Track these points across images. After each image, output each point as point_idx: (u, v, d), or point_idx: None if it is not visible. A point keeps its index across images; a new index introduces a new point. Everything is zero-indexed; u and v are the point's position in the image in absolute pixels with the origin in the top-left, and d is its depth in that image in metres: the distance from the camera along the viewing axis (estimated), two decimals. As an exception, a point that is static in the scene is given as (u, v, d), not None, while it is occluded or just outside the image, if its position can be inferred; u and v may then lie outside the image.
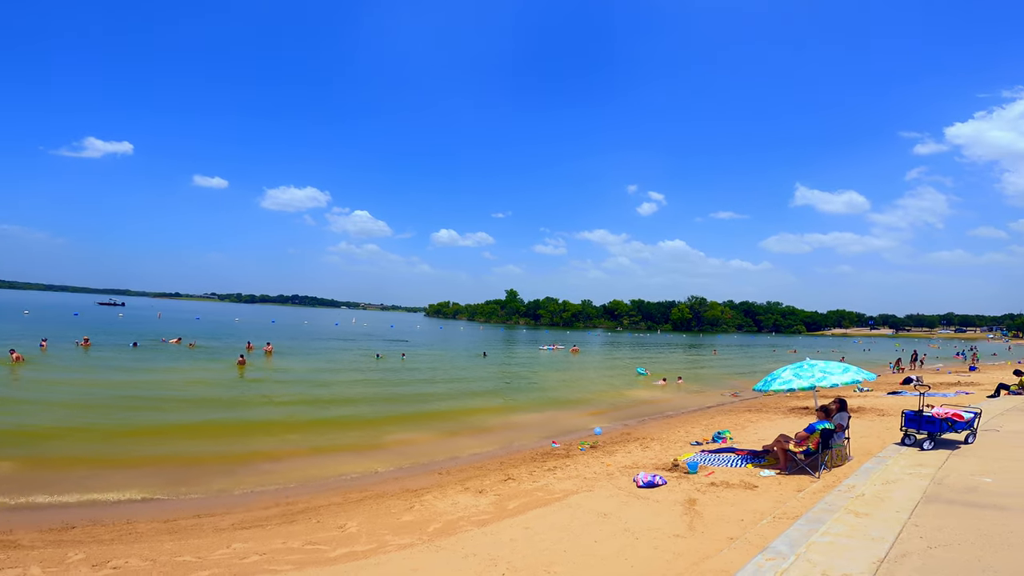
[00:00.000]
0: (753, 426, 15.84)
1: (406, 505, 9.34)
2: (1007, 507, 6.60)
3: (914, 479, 7.98)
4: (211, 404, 20.23)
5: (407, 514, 8.74)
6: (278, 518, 9.23)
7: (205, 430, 16.27)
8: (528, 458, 13.35)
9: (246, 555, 7.18)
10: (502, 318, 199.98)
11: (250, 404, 20.90)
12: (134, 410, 17.94)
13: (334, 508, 9.69)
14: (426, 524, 8.06)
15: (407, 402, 22.84)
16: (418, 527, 7.95)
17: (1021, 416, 14.23)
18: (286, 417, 18.63)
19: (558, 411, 22.06)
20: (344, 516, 8.96)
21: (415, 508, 9.05)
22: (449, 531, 7.61)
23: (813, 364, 10.62)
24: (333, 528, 8.27)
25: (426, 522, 8.16)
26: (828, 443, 9.48)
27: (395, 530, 7.90)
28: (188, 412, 18.56)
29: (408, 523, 8.22)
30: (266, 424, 17.57)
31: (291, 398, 22.36)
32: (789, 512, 7.00)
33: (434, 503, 9.28)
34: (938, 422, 10.39)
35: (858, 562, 5.04)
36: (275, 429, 16.92)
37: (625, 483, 9.37)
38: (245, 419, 18.17)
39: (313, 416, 19.03)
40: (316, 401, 21.90)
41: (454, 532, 7.54)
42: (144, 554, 7.30)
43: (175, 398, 20.70)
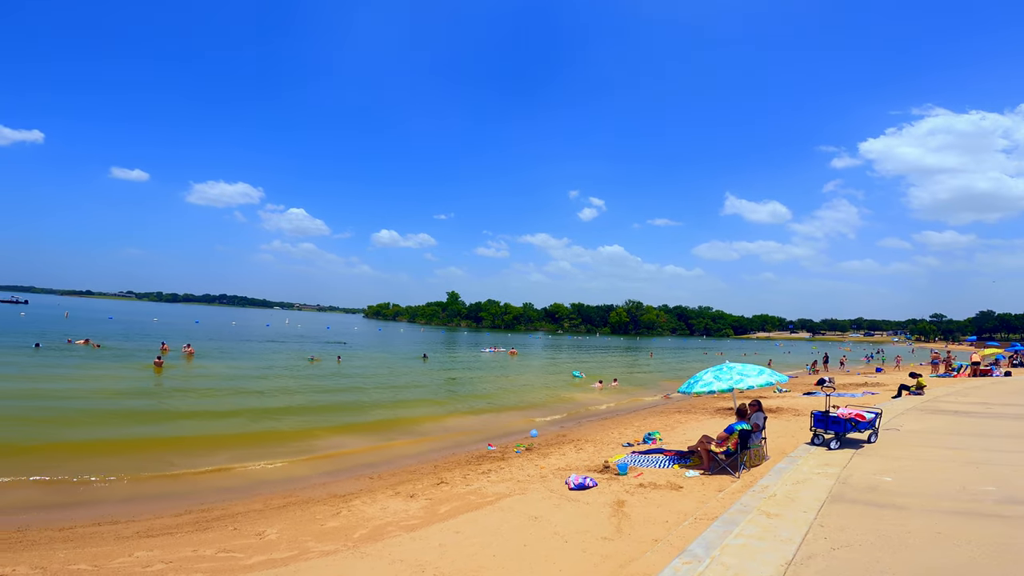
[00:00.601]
0: (682, 427, 16.47)
1: (332, 511, 9.05)
2: (905, 506, 7.07)
3: (821, 479, 8.54)
4: (120, 408, 18.81)
5: (333, 520, 8.47)
6: (190, 526, 8.76)
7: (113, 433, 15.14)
8: (463, 461, 13.28)
9: (150, 563, 6.77)
10: (443, 320, 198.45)
11: (164, 408, 19.61)
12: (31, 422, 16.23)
13: (253, 515, 9.26)
14: (352, 530, 7.83)
15: (340, 405, 22.18)
16: (343, 533, 7.71)
17: (919, 416, 15.52)
18: (205, 421, 17.63)
19: (496, 414, 22.12)
20: (264, 523, 8.59)
21: (342, 514, 8.79)
22: (376, 537, 7.43)
23: (731, 367, 11.14)
24: (251, 535, 7.90)
25: (352, 528, 7.94)
26: (746, 443, 9.98)
27: (318, 536, 7.64)
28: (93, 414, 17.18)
29: (333, 529, 7.96)
30: (182, 428, 16.57)
31: (212, 402, 21.18)
32: (709, 513, 7.30)
33: (362, 508, 9.04)
34: (843, 422, 11.17)
35: (768, 565, 5.27)
36: (192, 434, 15.97)
37: (557, 485, 9.49)
38: (157, 424, 17.06)
39: (236, 420, 18.11)
40: (240, 405, 20.83)
41: (381, 538, 7.37)
42: (34, 562, 6.77)
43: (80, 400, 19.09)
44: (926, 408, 17.06)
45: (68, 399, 19.48)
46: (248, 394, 23.46)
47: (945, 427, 13.52)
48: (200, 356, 36.59)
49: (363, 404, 22.86)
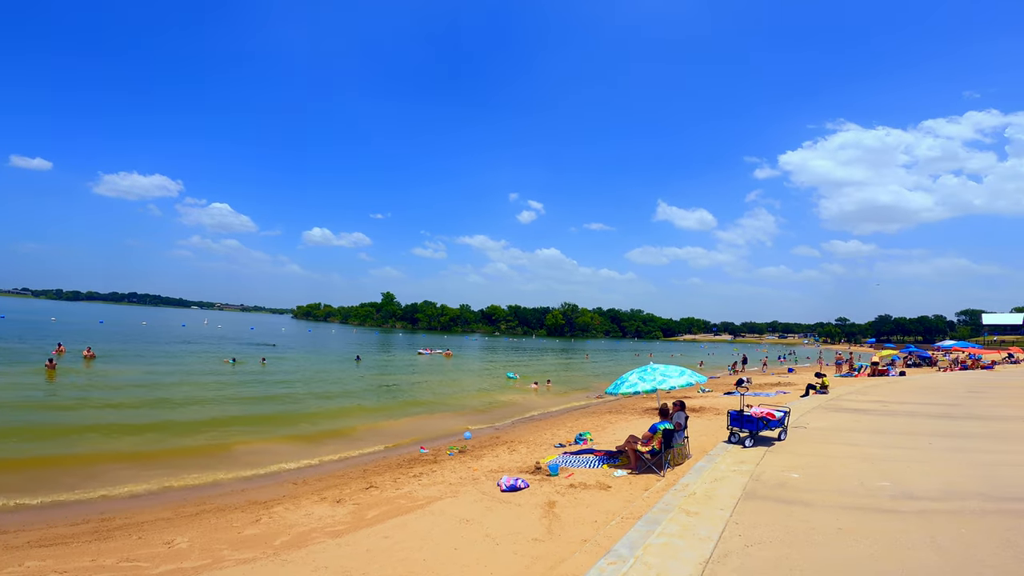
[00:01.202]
0: (612, 427, 16.95)
1: (251, 518, 8.63)
2: (810, 503, 7.56)
3: (736, 476, 9.05)
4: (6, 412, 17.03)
5: (251, 527, 8.08)
6: (89, 535, 8.13)
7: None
8: (394, 465, 13.03)
9: (43, 573, 6.31)
10: (377, 321, 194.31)
11: (59, 413, 17.95)
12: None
13: (162, 523, 8.71)
14: (273, 537, 7.51)
15: (263, 410, 21.12)
16: (263, 540, 7.38)
17: (824, 414, 16.78)
18: (107, 427, 16.30)
19: (430, 416, 21.87)
20: (173, 531, 8.11)
21: (262, 521, 8.40)
22: (299, 544, 7.16)
23: (655, 368, 11.59)
24: (158, 544, 7.44)
25: (273, 535, 7.60)
26: (670, 442, 10.42)
27: (235, 544, 7.27)
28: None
29: (251, 536, 7.60)
30: (80, 434, 15.28)
31: (116, 406, 19.59)
32: (635, 512, 7.55)
33: (284, 515, 8.68)
34: (756, 421, 11.90)
35: (687, 564, 5.51)
36: (92, 440, 14.79)
37: (490, 488, 9.50)
38: (50, 428, 15.62)
39: (143, 425, 16.83)
40: (147, 410, 19.41)
41: (304, 544, 7.11)
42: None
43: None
44: (830, 406, 18.48)
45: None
46: (156, 399, 21.84)
47: (846, 424, 14.71)
48: (103, 359, 33.67)
49: (288, 408, 21.90)
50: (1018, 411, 17.06)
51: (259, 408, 21.43)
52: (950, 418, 15.88)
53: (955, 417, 16.03)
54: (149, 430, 16.34)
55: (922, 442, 12.09)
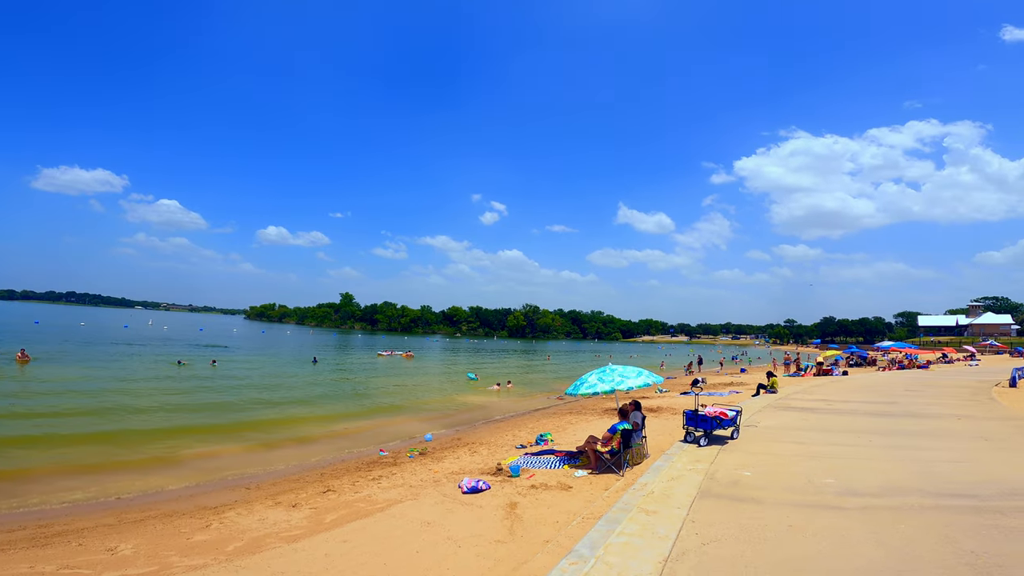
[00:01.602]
0: (572, 428, 17.14)
1: (201, 523, 8.31)
2: (762, 500, 7.84)
3: (692, 475, 9.31)
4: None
5: (201, 533, 7.79)
6: (25, 542, 7.69)
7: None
8: (352, 468, 12.78)
9: None
10: (336, 322, 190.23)
11: None
12: None
13: (104, 529, 8.30)
14: (225, 543, 7.25)
15: (214, 413, 20.34)
16: (214, 546, 7.12)
17: (773, 412, 17.45)
18: (44, 432, 15.39)
19: (389, 418, 21.57)
20: (117, 538, 7.74)
21: (212, 526, 8.11)
22: (253, 549, 6.94)
23: (613, 369, 11.81)
24: (100, 551, 7.09)
25: (225, 541, 7.35)
26: (629, 442, 10.62)
27: (184, 551, 7.00)
28: None
29: (202, 543, 7.33)
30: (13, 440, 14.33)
31: (52, 412, 18.48)
32: (595, 512, 7.66)
33: (237, 520, 8.39)
34: (710, 420, 12.27)
35: (646, 562, 5.63)
36: (27, 446, 13.91)
37: (451, 490, 9.45)
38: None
39: (83, 431, 15.98)
40: (88, 415, 18.38)
41: (259, 550, 6.89)
42: None
43: None
44: (779, 405, 19.25)
45: None
46: (97, 403, 20.73)
47: (794, 423, 15.36)
48: (39, 362, 31.72)
49: (240, 412, 21.15)
50: (950, 409, 18.20)
51: (209, 412, 20.61)
52: (888, 416, 16.80)
53: (893, 415, 16.97)
54: (89, 436, 15.49)
55: (863, 439, 12.74)
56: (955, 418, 16.19)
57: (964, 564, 5.46)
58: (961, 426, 14.75)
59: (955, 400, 20.99)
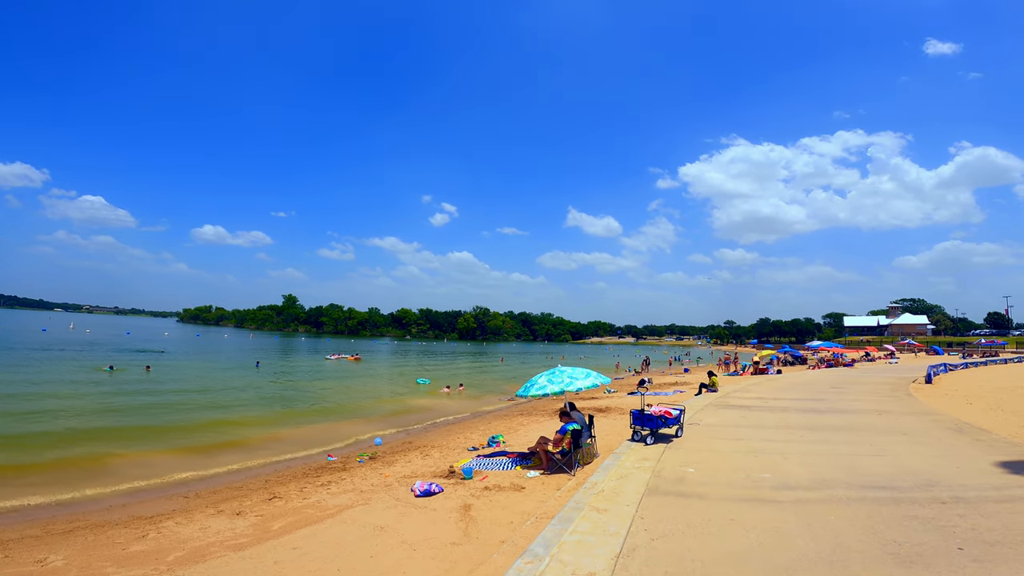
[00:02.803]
0: (524, 429, 17.31)
1: (137, 534, 7.91)
2: (705, 495, 8.19)
3: (640, 473, 9.64)
4: None
5: (138, 543, 7.42)
6: None
7: None
8: (299, 474, 12.43)
9: None
10: (278, 325, 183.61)
11: None
12: None
13: (30, 540, 7.80)
14: (164, 553, 6.94)
15: (147, 420, 19.27)
16: (153, 556, 6.81)
17: (715, 411, 18.22)
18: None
19: (337, 422, 21.07)
20: (45, 549, 7.30)
21: (149, 536, 7.73)
22: (196, 558, 6.67)
23: (563, 371, 12.05)
24: (29, 562, 6.68)
25: (164, 551, 7.02)
26: (578, 442, 10.88)
27: (120, 561, 6.66)
28: None
29: (139, 553, 6.99)
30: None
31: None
32: (548, 512, 7.81)
33: (176, 530, 8.03)
34: (655, 419, 12.72)
35: (600, 559, 5.80)
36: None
37: (403, 493, 9.38)
38: None
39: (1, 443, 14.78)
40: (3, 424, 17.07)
41: (203, 559, 6.63)
42: None
43: None
44: (719, 404, 20.15)
45: None
46: (12, 412, 19.20)
47: (733, 420, 16.13)
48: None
49: (177, 418, 20.10)
50: (871, 405, 19.62)
51: (141, 418, 19.47)
52: (817, 412, 17.92)
53: (821, 411, 18.12)
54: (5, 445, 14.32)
55: (795, 435, 13.55)
56: (876, 413, 17.46)
57: (888, 554, 5.90)
58: (882, 421, 15.93)
59: (876, 396, 22.61)
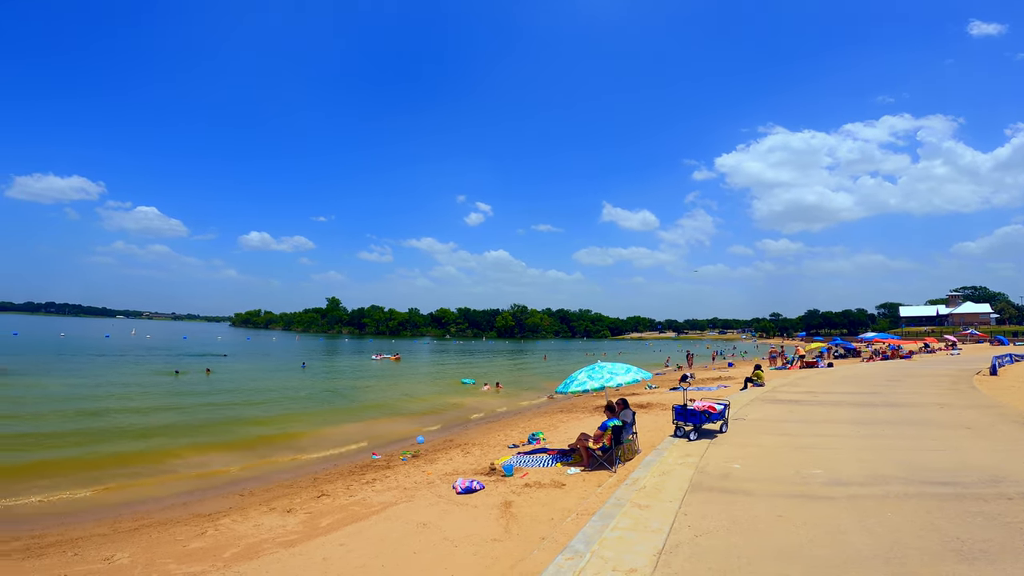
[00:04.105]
0: (564, 426, 17.28)
1: (196, 531, 8.31)
2: (752, 492, 7.99)
3: (683, 469, 9.48)
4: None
5: (197, 540, 7.79)
6: (20, 553, 7.67)
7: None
8: (345, 472, 12.78)
9: None
10: (323, 327, 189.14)
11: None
12: None
13: (99, 539, 8.28)
14: (221, 550, 7.26)
15: (207, 420, 20.25)
16: (211, 553, 7.13)
17: (761, 406, 17.73)
18: (34, 443, 15.19)
19: (381, 421, 21.55)
20: (112, 547, 7.72)
21: (208, 533, 8.10)
22: (250, 555, 6.95)
23: (602, 366, 11.94)
24: (97, 560, 7.09)
25: (221, 547, 7.35)
26: (619, 439, 10.77)
27: (181, 558, 7.00)
28: None
29: (198, 550, 7.33)
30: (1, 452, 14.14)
31: (44, 421, 18.33)
32: (589, 508, 7.78)
33: (232, 527, 8.39)
34: (699, 414, 12.46)
35: (641, 555, 5.74)
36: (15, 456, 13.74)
37: (445, 491, 9.51)
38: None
39: (75, 441, 15.85)
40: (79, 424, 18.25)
41: (256, 556, 6.90)
42: None
43: None
44: (766, 398, 19.57)
45: None
46: (87, 413, 20.51)
47: (780, 415, 15.64)
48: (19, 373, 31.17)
49: (233, 418, 21.03)
50: (931, 398, 18.64)
51: (202, 419, 20.47)
52: (871, 406, 17.15)
53: (876, 405, 17.33)
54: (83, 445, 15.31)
55: (848, 430, 13.02)
56: (936, 407, 16.58)
57: (950, 550, 5.62)
58: (942, 415, 15.11)
59: (936, 389, 21.47)
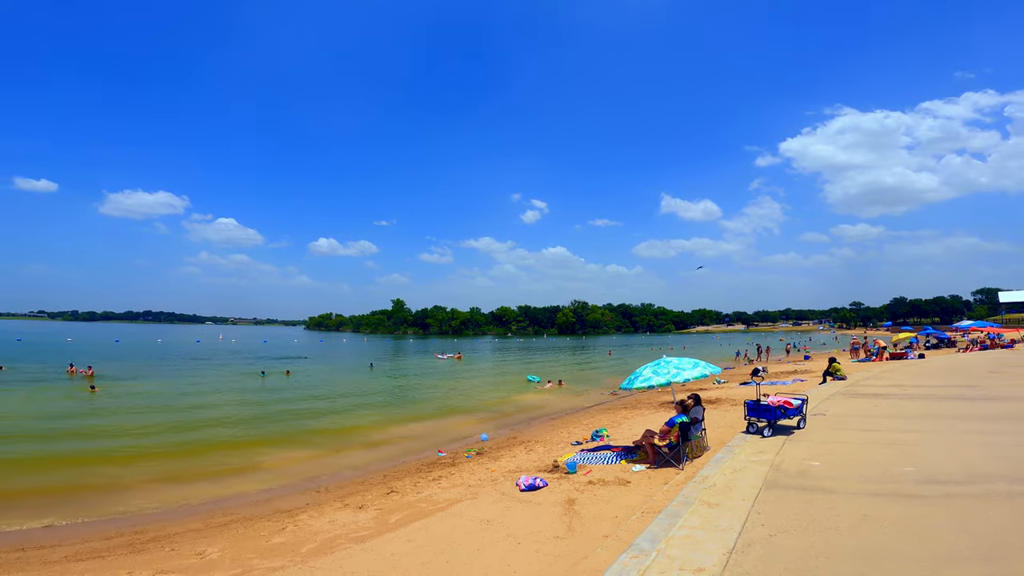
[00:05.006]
0: (628, 423, 16.94)
1: (277, 526, 8.77)
2: (832, 490, 7.52)
3: (756, 466, 9.02)
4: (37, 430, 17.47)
5: (278, 536, 8.21)
6: (123, 548, 8.33)
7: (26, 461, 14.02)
8: (413, 469, 13.12)
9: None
10: (389, 328, 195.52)
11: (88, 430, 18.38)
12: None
13: (192, 534, 8.89)
14: (299, 545, 7.62)
15: (287, 419, 21.50)
16: (290, 548, 7.50)
17: (843, 400, 16.62)
18: (136, 443, 16.62)
19: (445, 420, 21.99)
20: (204, 542, 8.27)
21: (287, 529, 8.53)
22: (325, 550, 7.26)
23: (668, 361, 11.54)
24: (190, 555, 7.60)
25: (300, 543, 7.72)
26: (687, 435, 10.39)
27: (263, 553, 7.40)
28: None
29: (279, 545, 7.73)
30: (110, 449, 15.61)
31: (144, 422, 20.02)
32: (655, 506, 7.56)
33: (309, 522, 8.80)
34: (773, 410, 11.82)
35: (711, 554, 5.51)
36: (121, 456, 15.06)
37: (509, 488, 9.55)
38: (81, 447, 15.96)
39: (173, 440, 17.21)
40: (176, 424, 19.78)
41: (331, 551, 7.20)
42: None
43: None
44: (848, 392, 18.32)
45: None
46: (178, 413, 22.31)
47: (865, 410, 14.58)
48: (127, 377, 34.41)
49: (309, 417, 22.17)
50: (1041, 389, 16.81)
51: (281, 418, 21.71)
52: (969, 400, 15.68)
53: (974, 399, 15.83)
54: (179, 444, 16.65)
55: (943, 425, 11.96)
56: (1048, 398, 14.92)
57: (1063, 554, 5.05)
58: (1056, 407, 13.58)
59: (1047, 379, 19.33)
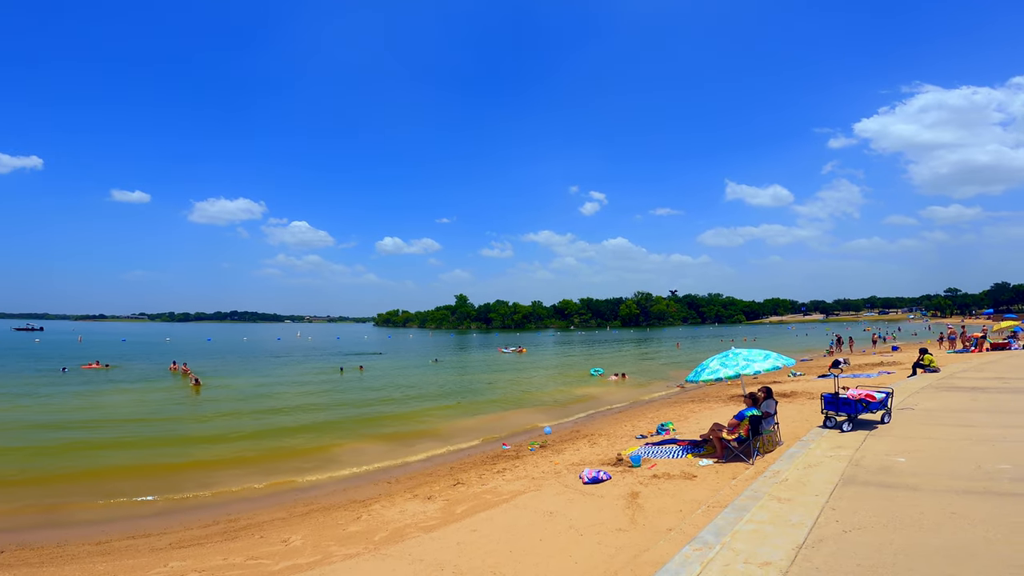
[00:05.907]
0: (695, 416, 16.48)
1: (353, 516, 9.26)
2: (918, 487, 7.06)
3: (833, 462, 8.56)
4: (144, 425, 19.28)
5: (354, 524, 8.68)
6: (219, 535, 9.04)
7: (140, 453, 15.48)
8: (478, 461, 13.43)
9: (184, 573, 7.08)
10: (453, 324, 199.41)
11: (186, 422, 20.13)
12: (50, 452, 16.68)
13: (278, 523, 9.53)
14: (373, 533, 8.03)
15: (360, 413, 22.52)
16: (365, 536, 7.91)
17: (935, 394, 15.38)
18: (228, 435, 18.00)
19: (509, 413, 22.26)
20: (288, 530, 8.84)
21: (362, 518, 8.99)
22: (396, 539, 7.62)
23: (737, 353, 11.11)
24: (277, 542, 8.16)
25: (373, 531, 8.14)
26: (758, 429, 10.00)
27: (341, 541, 7.85)
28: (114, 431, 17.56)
29: (354, 533, 8.17)
30: (206, 442, 16.97)
31: (237, 416, 21.66)
32: (721, 500, 7.37)
33: (382, 512, 9.23)
34: (853, 403, 11.13)
35: (778, 549, 5.33)
36: (216, 447, 16.35)
37: (572, 480, 9.60)
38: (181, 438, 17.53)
39: (258, 432, 18.48)
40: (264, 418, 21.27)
41: (401, 539, 7.55)
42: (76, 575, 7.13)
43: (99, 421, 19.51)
44: (941, 385, 16.93)
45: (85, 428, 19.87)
46: (264, 407, 23.89)
47: (960, 404, 13.44)
48: (219, 373, 37.36)
49: (380, 411, 23.11)
50: None
51: (355, 412, 22.79)
52: (1089, 391, 14.07)
53: (1096, 389, 14.19)
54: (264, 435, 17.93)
55: (1053, 419, 10.83)
56: None
57: None
58: None
59: None
